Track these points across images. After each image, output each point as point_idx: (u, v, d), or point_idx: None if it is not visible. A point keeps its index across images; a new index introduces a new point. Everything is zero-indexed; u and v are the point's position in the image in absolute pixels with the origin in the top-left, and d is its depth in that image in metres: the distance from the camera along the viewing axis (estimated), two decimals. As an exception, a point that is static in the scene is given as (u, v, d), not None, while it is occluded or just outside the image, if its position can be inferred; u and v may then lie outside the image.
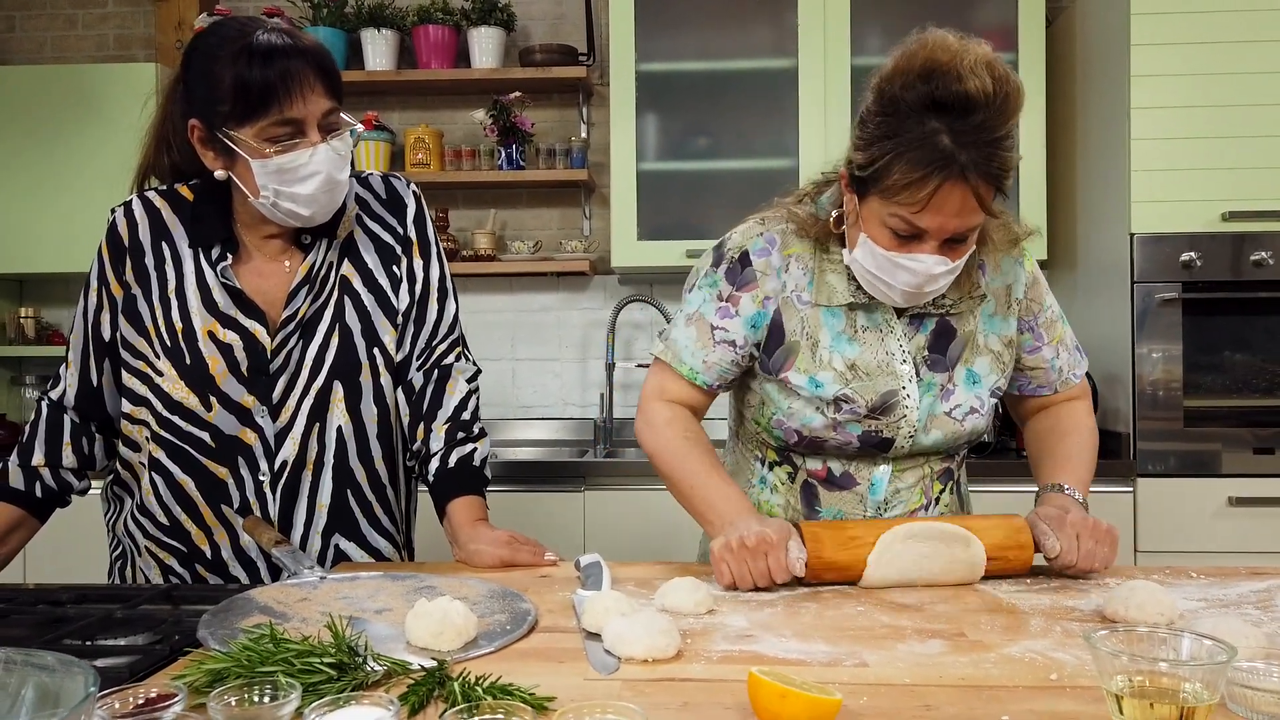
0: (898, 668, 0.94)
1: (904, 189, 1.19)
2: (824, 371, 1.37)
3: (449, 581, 1.22)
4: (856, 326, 1.38)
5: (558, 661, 0.97)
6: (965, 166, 1.16)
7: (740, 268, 1.40)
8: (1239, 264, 2.56)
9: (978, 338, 1.40)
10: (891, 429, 1.36)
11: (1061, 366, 1.47)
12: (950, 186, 1.17)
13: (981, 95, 1.15)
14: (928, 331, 1.38)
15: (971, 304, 1.39)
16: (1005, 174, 1.19)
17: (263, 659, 0.86)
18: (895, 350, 1.37)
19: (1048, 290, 1.47)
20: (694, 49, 3.02)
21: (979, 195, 1.18)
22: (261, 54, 1.28)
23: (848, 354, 1.37)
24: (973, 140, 1.15)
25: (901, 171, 1.18)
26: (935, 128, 1.16)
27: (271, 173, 1.31)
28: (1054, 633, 1.05)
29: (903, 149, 1.18)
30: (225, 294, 1.40)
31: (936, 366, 1.38)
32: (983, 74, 1.15)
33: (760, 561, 1.20)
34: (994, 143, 1.17)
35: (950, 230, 1.22)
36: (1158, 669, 0.77)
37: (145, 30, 3.47)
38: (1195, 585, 1.24)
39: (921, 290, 1.28)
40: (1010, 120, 1.18)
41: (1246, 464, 2.58)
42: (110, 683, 0.90)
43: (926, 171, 1.16)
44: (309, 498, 1.43)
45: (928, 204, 1.18)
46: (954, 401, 1.38)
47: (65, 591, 1.25)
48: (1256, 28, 2.54)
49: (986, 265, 1.40)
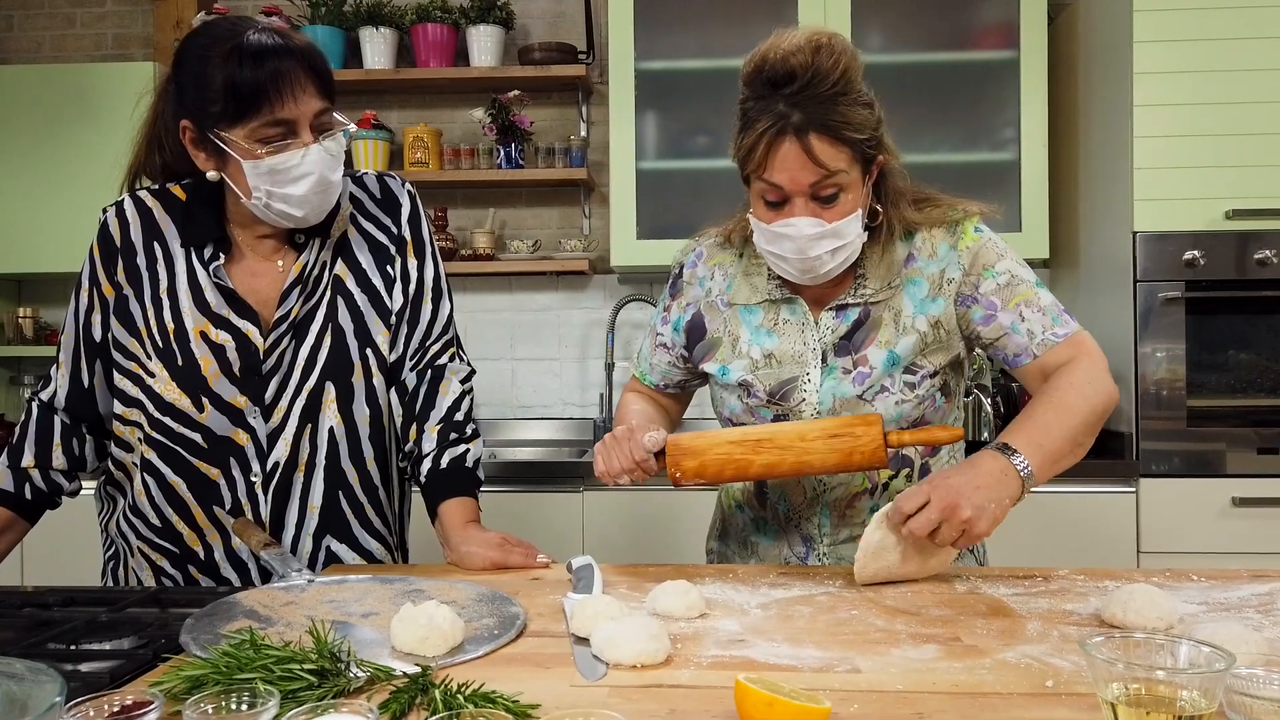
0: (890, 674, 0.92)
1: (750, 153, 1.31)
2: (738, 360, 1.47)
3: (438, 585, 1.20)
4: (778, 320, 1.47)
5: (545, 667, 0.96)
6: (798, 124, 1.28)
7: (674, 280, 1.58)
8: (1242, 263, 2.54)
9: (903, 319, 1.41)
10: (795, 413, 1.43)
11: (1031, 329, 1.39)
12: (783, 140, 1.29)
13: (800, 65, 1.28)
14: (849, 321, 1.43)
15: (892, 292, 1.42)
16: (844, 126, 1.29)
17: (242, 665, 0.84)
18: (811, 341, 1.44)
19: (1002, 257, 1.41)
20: (694, 47, 3.01)
21: (812, 148, 1.28)
22: (252, 54, 1.27)
23: (765, 345, 1.46)
24: (802, 99, 1.28)
25: (748, 139, 1.31)
26: (774, 99, 1.30)
27: (263, 174, 1.30)
28: (1051, 638, 1.03)
29: (748, 121, 1.32)
30: (218, 294, 1.39)
31: (842, 352, 1.42)
32: (804, 46, 1.29)
33: (624, 444, 1.33)
34: (821, 99, 1.28)
35: (804, 184, 1.30)
36: (1154, 677, 0.76)
37: (143, 29, 3.47)
38: (1196, 588, 1.23)
39: (807, 254, 1.33)
40: (833, 78, 1.28)
41: (1250, 464, 2.55)
42: (91, 688, 0.88)
43: (762, 131, 1.30)
44: (300, 499, 1.41)
45: (768, 160, 1.30)
46: (868, 383, 1.41)
47: (53, 594, 1.24)
48: (1259, 25, 2.52)
49: (919, 254, 1.42)
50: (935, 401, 1.43)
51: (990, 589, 1.23)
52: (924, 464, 1.46)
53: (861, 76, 1.32)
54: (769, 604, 1.17)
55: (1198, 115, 2.53)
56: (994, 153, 2.93)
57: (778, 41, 1.32)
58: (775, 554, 1.50)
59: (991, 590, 1.22)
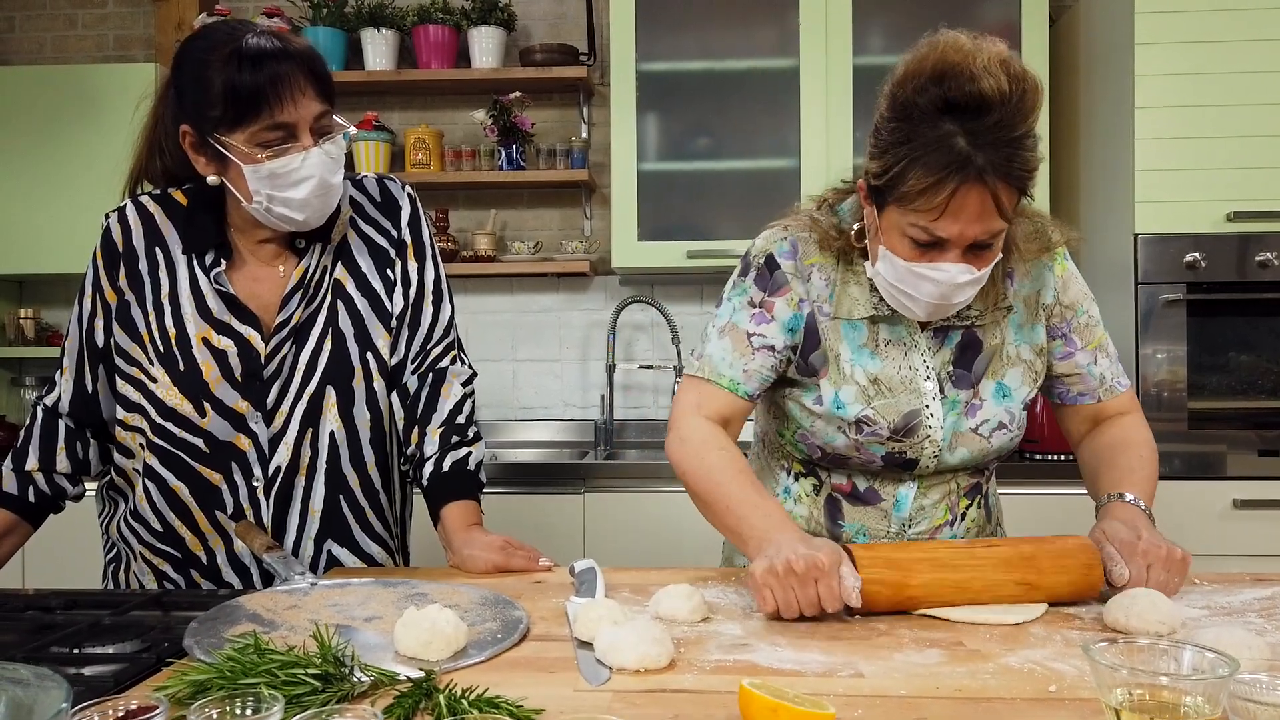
0: (894, 678, 0.92)
1: (920, 195, 1.14)
2: (847, 386, 1.32)
3: (441, 588, 1.20)
4: (879, 340, 1.34)
5: (548, 671, 0.96)
6: (983, 169, 1.11)
7: (769, 272, 1.36)
8: (1244, 265, 2.54)
9: (1007, 349, 1.35)
10: (915, 449, 1.33)
11: (1103, 374, 1.40)
12: (967, 189, 1.12)
13: (996, 94, 1.11)
14: (953, 345, 1.34)
15: (998, 315, 1.34)
16: (1027, 175, 1.15)
17: (246, 670, 0.84)
18: (919, 366, 1.33)
19: (1087, 295, 1.40)
20: (695, 49, 3.01)
21: (998, 198, 1.13)
22: (251, 58, 1.27)
23: (870, 368, 1.33)
24: (990, 141, 1.11)
25: (917, 177, 1.14)
26: (950, 130, 1.12)
27: (264, 178, 1.30)
28: (1054, 642, 1.03)
29: (917, 154, 1.14)
30: (219, 300, 1.39)
31: (961, 383, 1.34)
32: (997, 72, 1.11)
33: (810, 589, 1.08)
34: (1012, 142, 1.13)
35: (971, 236, 1.17)
36: (1158, 682, 0.76)
37: (145, 31, 3.47)
38: (1199, 592, 1.23)
39: (947, 301, 1.23)
40: (1028, 119, 1.14)
41: (1252, 466, 2.55)
42: (95, 692, 0.89)
43: (942, 175, 1.12)
44: (302, 503, 1.41)
45: (945, 209, 1.14)
46: (981, 417, 1.34)
47: (55, 597, 1.24)
48: (1261, 27, 2.52)
49: (1015, 273, 1.35)
50: (1025, 427, 1.40)
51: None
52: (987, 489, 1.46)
53: None
54: (772, 608, 1.17)
55: (1199, 117, 2.53)
56: (995, 154, 2.93)
57: (959, 46, 1.13)
58: None
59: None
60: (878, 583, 1.11)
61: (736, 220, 3.00)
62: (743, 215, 3.00)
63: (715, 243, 2.96)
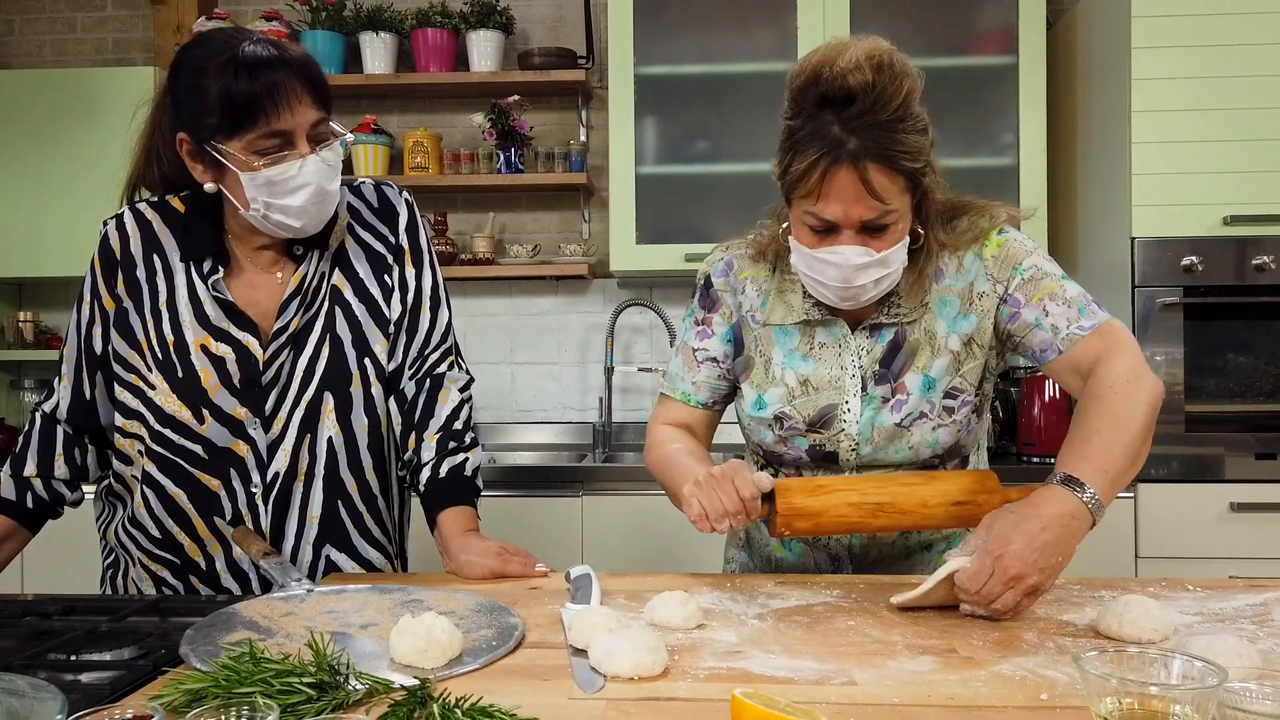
0: (886, 686, 0.93)
1: (800, 180, 1.24)
2: (774, 388, 1.42)
3: (436, 595, 1.21)
4: (814, 343, 1.42)
5: (543, 679, 0.96)
6: (855, 152, 1.21)
7: (707, 291, 1.51)
8: (1241, 268, 2.55)
9: (936, 341, 1.38)
10: (833, 443, 1.40)
11: (1055, 324, 1.33)
12: (837, 170, 1.22)
13: (861, 85, 1.21)
14: (884, 342, 1.39)
15: (922, 311, 1.38)
16: (903, 155, 1.23)
17: (241, 679, 0.85)
18: (848, 365, 1.40)
19: (1028, 254, 1.37)
20: (693, 52, 3.02)
21: (868, 179, 1.21)
22: (248, 66, 1.27)
23: (801, 370, 1.42)
24: (859, 126, 1.21)
25: (797, 164, 1.24)
26: (827, 120, 1.23)
27: (261, 185, 1.30)
28: (1047, 649, 1.03)
29: (800, 144, 1.24)
30: (217, 307, 1.39)
31: (881, 380, 1.38)
32: (863, 66, 1.21)
33: (727, 485, 1.23)
34: (882, 126, 1.21)
35: (857, 217, 1.24)
36: (1147, 691, 0.76)
37: (144, 34, 3.47)
38: (1192, 598, 1.23)
39: (851, 283, 1.28)
40: (895, 103, 1.21)
41: (1249, 469, 2.56)
42: (91, 700, 0.89)
43: (815, 159, 1.22)
44: (300, 509, 1.42)
45: (820, 191, 1.23)
46: (905, 410, 1.37)
47: (53, 603, 1.25)
48: (1258, 30, 2.52)
49: (947, 270, 1.38)
50: (970, 424, 1.40)
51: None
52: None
53: (919, 99, 1.25)
54: (766, 614, 1.17)
55: (1196, 121, 2.54)
56: (993, 158, 2.94)
57: (832, 54, 1.23)
58: (802, 567, 1.49)
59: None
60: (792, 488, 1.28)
61: (735, 223, 2.96)
62: (741, 218, 2.96)
63: (713, 246, 2.96)
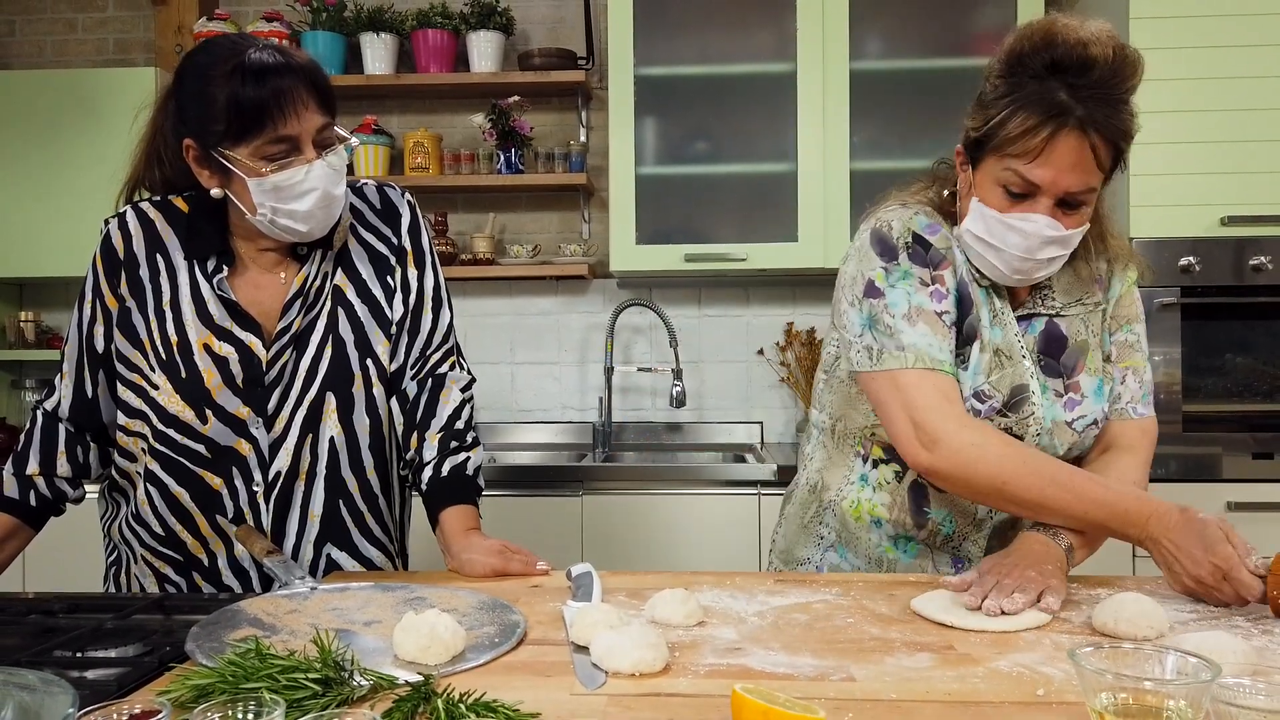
0: (885, 682, 0.94)
1: (1019, 137, 1.21)
2: (983, 353, 1.34)
3: (439, 592, 1.22)
4: (995, 310, 1.36)
5: (545, 675, 0.97)
6: (1084, 120, 1.19)
7: (923, 249, 1.34)
8: (1238, 269, 2.56)
9: (1101, 350, 1.38)
10: (1021, 426, 1.34)
11: (1121, 394, 1.38)
12: (1066, 135, 1.19)
13: (1101, 56, 1.19)
14: (1035, 333, 1.37)
15: (1086, 310, 1.37)
16: (1124, 137, 1.22)
17: (248, 675, 0.86)
18: (1014, 342, 1.35)
19: (1139, 318, 1.42)
20: (693, 53, 3.03)
21: (1095, 150, 1.20)
22: (254, 73, 1.28)
23: (994, 337, 1.35)
24: (1090, 95, 1.19)
25: (1018, 121, 1.21)
26: (1055, 85, 1.21)
27: (268, 191, 1.31)
28: (1043, 646, 1.04)
29: (1020, 102, 1.22)
30: (221, 306, 1.40)
31: (1049, 371, 1.36)
32: (1104, 40, 1.20)
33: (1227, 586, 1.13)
34: (1113, 101, 1.20)
35: (1063, 187, 1.22)
36: (1142, 687, 0.77)
37: (145, 35, 3.48)
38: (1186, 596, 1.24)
39: (1034, 256, 1.26)
40: (1128, 83, 1.21)
41: (1246, 469, 2.57)
42: (98, 696, 0.90)
43: (1043, 119, 1.20)
44: (301, 508, 1.43)
45: (1042, 151, 1.20)
46: (1079, 412, 1.35)
47: (58, 601, 1.25)
48: (1255, 32, 2.54)
49: (1104, 282, 1.40)
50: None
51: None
52: None
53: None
54: (766, 612, 1.18)
55: (1194, 122, 2.55)
56: (991, 158, 2.94)
57: (1068, 22, 1.21)
58: (918, 570, 1.45)
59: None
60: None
61: (734, 224, 3.03)
62: (740, 219, 3.03)
63: (713, 246, 2.98)
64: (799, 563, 1.55)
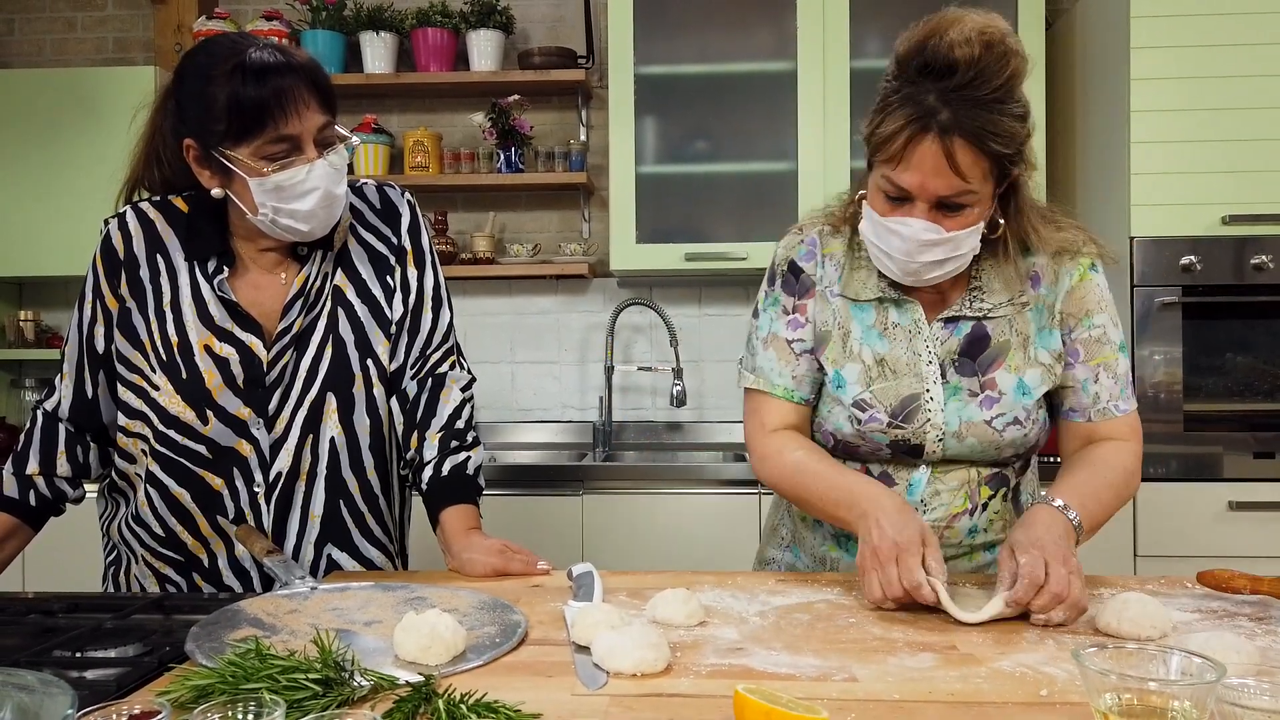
0: (887, 682, 0.94)
1: (884, 143, 1.23)
2: (850, 364, 1.38)
3: (440, 592, 1.21)
4: (888, 323, 1.39)
5: (546, 675, 0.97)
6: (945, 124, 1.19)
7: (794, 277, 1.44)
8: (1239, 268, 2.56)
9: (1029, 349, 1.36)
10: (919, 435, 1.35)
11: (1099, 393, 1.38)
12: (922, 140, 1.20)
13: (965, 58, 1.19)
14: (961, 335, 1.37)
15: (1013, 311, 1.36)
16: (994, 137, 1.20)
17: (248, 675, 0.85)
18: (923, 351, 1.37)
19: (1102, 310, 1.39)
20: (693, 52, 3.02)
21: (952, 154, 1.19)
22: (255, 72, 1.27)
23: (878, 349, 1.38)
24: (957, 99, 1.19)
25: (884, 125, 1.23)
26: (926, 88, 1.21)
27: (269, 190, 1.31)
28: (1046, 646, 1.04)
29: (892, 106, 1.23)
30: (221, 307, 1.40)
31: (964, 370, 1.36)
32: (972, 41, 1.19)
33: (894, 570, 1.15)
34: (979, 103, 1.19)
35: (932, 191, 1.22)
36: (1146, 688, 0.77)
37: (144, 33, 3.48)
38: (1190, 596, 1.24)
39: (915, 259, 1.27)
40: (996, 82, 1.19)
41: (1247, 468, 2.57)
42: (98, 696, 0.90)
43: (904, 123, 1.21)
44: (302, 508, 1.42)
45: (902, 157, 1.22)
46: (998, 410, 1.35)
47: (57, 601, 1.25)
48: (1257, 30, 2.53)
49: (1043, 277, 1.38)
50: (1046, 423, 1.40)
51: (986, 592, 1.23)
52: (1016, 483, 1.43)
53: (1023, 83, 1.23)
54: (767, 611, 1.18)
55: (1195, 121, 2.55)
56: (992, 157, 2.94)
57: (944, 24, 1.21)
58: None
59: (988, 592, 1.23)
60: None
61: (734, 223, 3.02)
62: (741, 218, 3.02)
63: (713, 245, 2.98)
64: (766, 562, 1.58)
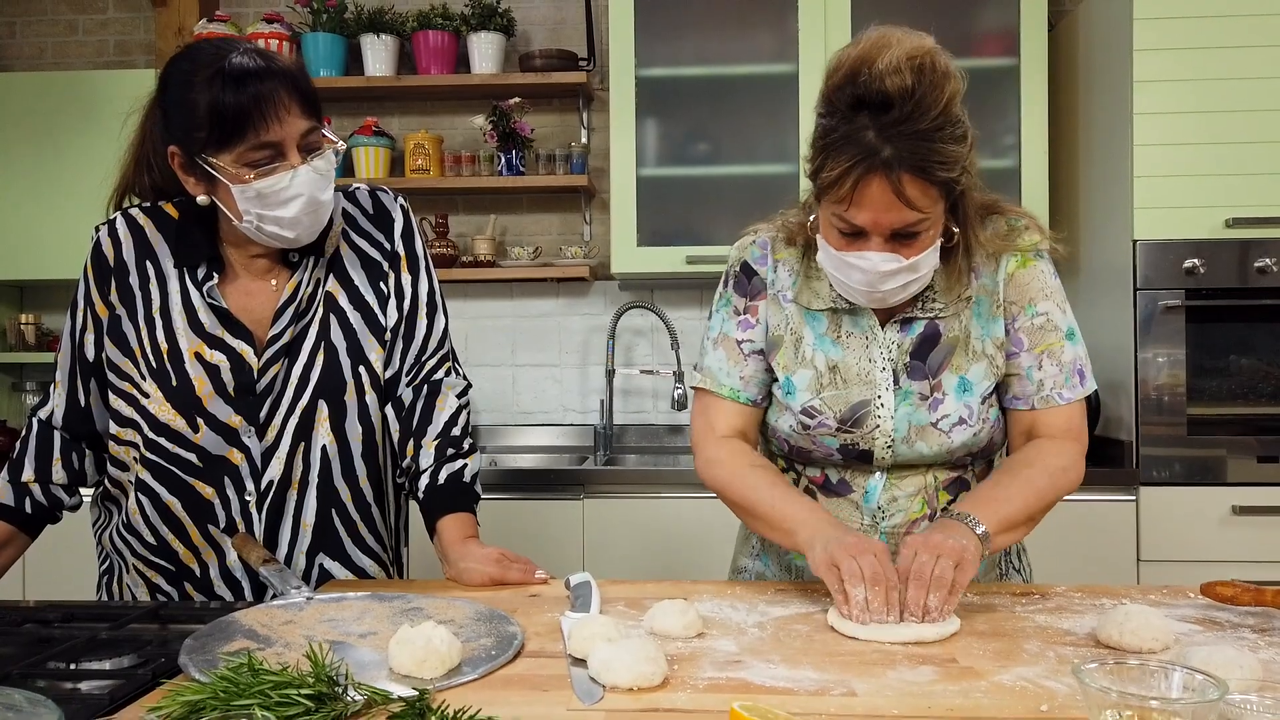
0: (886, 697, 0.93)
1: (832, 185, 1.21)
2: (802, 370, 1.38)
3: (436, 602, 1.20)
4: (841, 331, 1.38)
5: (542, 690, 0.96)
6: (889, 160, 1.17)
7: (746, 279, 1.45)
8: (1243, 271, 2.54)
9: (972, 343, 1.35)
10: (867, 440, 1.35)
11: (1042, 380, 1.35)
12: (870, 179, 1.18)
13: (899, 91, 1.16)
14: (914, 335, 1.36)
15: (960, 307, 1.35)
16: (939, 166, 1.18)
17: (240, 690, 0.84)
18: (877, 357, 1.36)
19: (1047, 298, 1.36)
20: (694, 54, 3.01)
21: (901, 189, 1.17)
22: (235, 78, 1.26)
23: (831, 355, 1.38)
24: (897, 133, 1.16)
25: (829, 168, 1.20)
26: (863, 124, 1.18)
27: (252, 198, 1.30)
28: (1047, 659, 1.03)
29: (833, 147, 1.20)
30: (211, 314, 1.39)
31: (916, 374, 1.35)
32: (903, 69, 1.16)
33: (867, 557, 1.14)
34: (919, 135, 1.17)
35: (887, 225, 1.21)
36: (1148, 705, 0.76)
37: (145, 36, 3.48)
38: (1192, 606, 1.23)
39: (877, 289, 1.26)
40: (933, 112, 1.17)
41: (1251, 472, 2.55)
42: (90, 710, 0.89)
43: (848, 166, 1.18)
44: (294, 517, 1.42)
45: (852, 199, 1.20)
46: (942, 411, 1.34)
47: (53, 610, 1.25)
48: (1260, 33, 2.52)
49: (983, 268, 1.36)
50: (999, 422, 1.39)
51: (988, 600, 1.23)
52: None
53: (960, 100, 1.20)
54: (766, 623, 1.17)
55: (1198, 123, 2.54)
56: (994, 160, 2.93)
57: (871, 53, 1.18)
58: None
59: (989, 599, 1.22)
60: None
61: (736, 225, 2.95)
62: (742, 220, 2.95)
63: (714, 248, 2.97)
64: (739, 571, 1.58)
